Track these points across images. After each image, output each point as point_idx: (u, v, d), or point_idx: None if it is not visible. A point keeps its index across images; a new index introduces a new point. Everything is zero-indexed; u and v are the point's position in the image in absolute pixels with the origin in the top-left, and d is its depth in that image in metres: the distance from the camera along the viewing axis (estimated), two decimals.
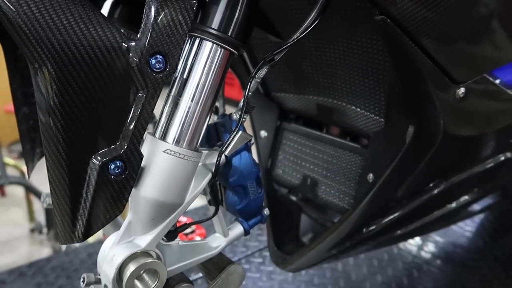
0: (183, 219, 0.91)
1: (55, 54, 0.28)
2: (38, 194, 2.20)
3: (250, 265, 0.92)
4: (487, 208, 0.86)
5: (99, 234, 0.92)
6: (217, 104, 0.54)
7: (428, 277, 0.91)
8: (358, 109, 0.57)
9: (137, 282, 0.33)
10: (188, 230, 0.95)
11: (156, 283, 0.34)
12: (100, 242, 0.78)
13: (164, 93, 0.35)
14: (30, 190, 2.21)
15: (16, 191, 2.95)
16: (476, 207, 0.80)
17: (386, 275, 0.90)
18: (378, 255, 0.96)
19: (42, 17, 0.28)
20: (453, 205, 0.66)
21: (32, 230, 2.13)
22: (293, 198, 0.70)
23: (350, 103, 0.58)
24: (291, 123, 0.70)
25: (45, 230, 1.97)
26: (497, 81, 0.47)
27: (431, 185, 0.54)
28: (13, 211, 2.85)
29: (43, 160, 0.34)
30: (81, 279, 0.37)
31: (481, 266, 0.96)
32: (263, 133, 0.72)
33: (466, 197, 0.64)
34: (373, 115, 0.54)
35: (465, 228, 1.11)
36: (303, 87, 0.64)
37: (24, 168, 2.80)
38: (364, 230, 0.56)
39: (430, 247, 1.01)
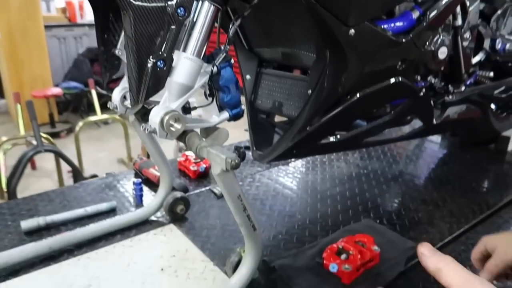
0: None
1: (133, 8, 0.61)
2: (67, 160, 2.56)
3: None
4: (417, 134, 1.17)
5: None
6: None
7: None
8: (304, 52, 0.89)
9: (171, 122, 0.66)
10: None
11: (179, 126, 0.67)
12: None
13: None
14: (61, 156, 2.56)
15: (46, 165, 3.32)
16: (399, 131, 1.12)
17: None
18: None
19: None
20: (372, 122, 0.97)
21: None
22: (269, 119, 1.03)
23: (300, 49, 0.90)
24: (266, 68, 1.03)
25: None
26: (379, 28, 0.79)
27: (348, 97, 0.85)
28: (44, 181, 3.22)
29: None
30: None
31: (413, 184, 1.28)
32: (248, 77, 1.04)
33: (378, 117, 0.96)
34: (310, 54, 0.86)
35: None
36: (272, 42, 0.96)
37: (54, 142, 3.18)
38: (308, 128, 0.88)
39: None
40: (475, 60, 1.16)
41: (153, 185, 1.22)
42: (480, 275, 0.64)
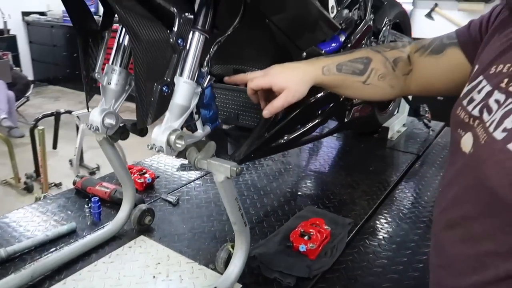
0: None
1: (142, 41, 0.68)
2: None
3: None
4: (333, 131, 1.43)
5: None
6: None
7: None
8: (257, 69, 1.04)
9: (177, 140, 0.74)
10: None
11: (183, 143, 0.76)
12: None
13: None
14: None
15: None
16: (324, 129, 1.36)
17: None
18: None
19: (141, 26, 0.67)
20: (306, 125, 1.18)
21: None
22: (224, 128, 1.15)
23: (253, 66, 1.05)
24: (216, 83, 1.14)
25: None
26: (322, 50, 0.99)
27: (297, 106, 1.03)
28: None
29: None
30: None
31: (330, 172, 1.55)
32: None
33: (313, 120, 1.17)
34: None
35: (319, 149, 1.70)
36: (225, 60, 1.09)
37: None
38: (266, 134, 1.03)
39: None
40: None
41: (103, 201, 1.22)
42: (265, 110, 0.82)
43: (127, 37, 0.86)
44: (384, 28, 1.47)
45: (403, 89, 0.90)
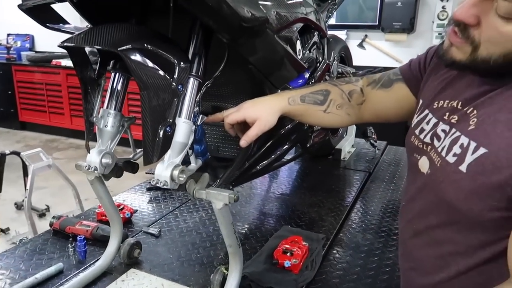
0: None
1: (149, 87, 0.76)
2: None
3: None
4: (298, 156, 1.57)
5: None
6: None
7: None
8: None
9: (178, 175, 0.82)
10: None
11: (184, 176, 0.84)
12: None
13: None
14: None
15: None
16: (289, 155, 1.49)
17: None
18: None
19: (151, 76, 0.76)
20: (278, 152, 1.30)
21: None
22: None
23: (232, 103, 1.16)
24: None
25: None
26: (291, 87, 1.13)
27: (271, 137, 1.16)
28: None
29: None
30: None
31: (297, 194, 1.68)
32: None
33: (282, 148, 1.30)
34: None
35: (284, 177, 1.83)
36: (205, 99, 1.19)
37: None
38: (246, 164, 1.13)
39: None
40: None
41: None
42: (241, 140, 0.90)
43: (120, 82, 0.93)
44: (334, 62, 1.67)
45: (358, 117, 1.05)
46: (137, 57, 0.75)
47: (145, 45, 0.78)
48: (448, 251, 0.76)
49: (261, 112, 0.91)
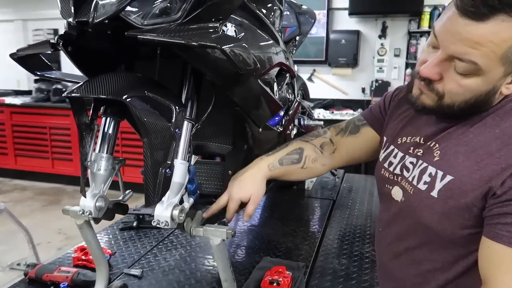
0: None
1: (149, 133, 0.80)
2: None
3: None
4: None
5: None
6: None
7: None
8: (216, 144, 1.22)
9: (178, 214, 0.86)
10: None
11: (183, 215, 0.87)
12: None
13: None
14: None
15: None
16: None
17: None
18: None
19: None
20: None
21: None
22: None
23: (214, 142, 1.22)
24: None
25: None
26: (271, 123, 1.22)
27: None
28: None
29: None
30: None
31: (269, 225, 1.74)
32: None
33: None
34: (227, 145, 1.20)
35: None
36: None
37: None
38: None
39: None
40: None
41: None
42: (244, 217, 1.01)
43: (111, 126, 0.96)
44: (299, 98, 1.79)
45: (332, 164, 1.15)
46: (140, 104, 0.79)
47: (146, 92, 0.83)
48: (427, 268, 0.86)
49: (250, 190, 1.01)
